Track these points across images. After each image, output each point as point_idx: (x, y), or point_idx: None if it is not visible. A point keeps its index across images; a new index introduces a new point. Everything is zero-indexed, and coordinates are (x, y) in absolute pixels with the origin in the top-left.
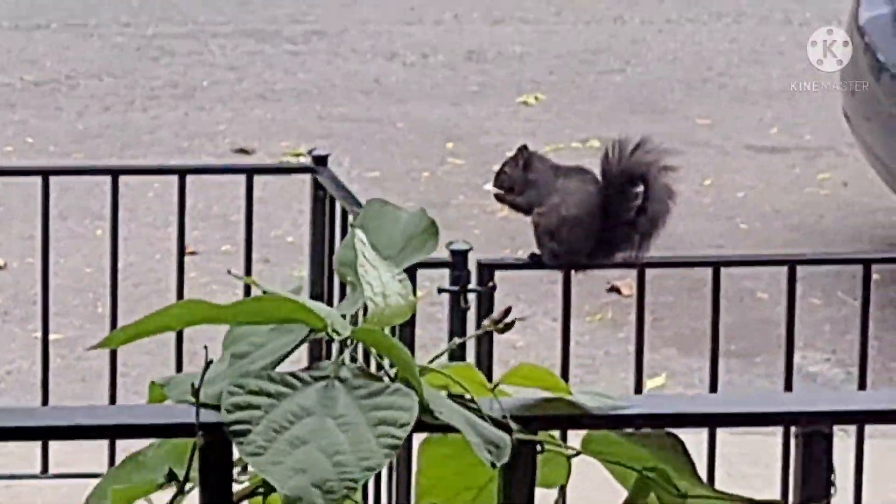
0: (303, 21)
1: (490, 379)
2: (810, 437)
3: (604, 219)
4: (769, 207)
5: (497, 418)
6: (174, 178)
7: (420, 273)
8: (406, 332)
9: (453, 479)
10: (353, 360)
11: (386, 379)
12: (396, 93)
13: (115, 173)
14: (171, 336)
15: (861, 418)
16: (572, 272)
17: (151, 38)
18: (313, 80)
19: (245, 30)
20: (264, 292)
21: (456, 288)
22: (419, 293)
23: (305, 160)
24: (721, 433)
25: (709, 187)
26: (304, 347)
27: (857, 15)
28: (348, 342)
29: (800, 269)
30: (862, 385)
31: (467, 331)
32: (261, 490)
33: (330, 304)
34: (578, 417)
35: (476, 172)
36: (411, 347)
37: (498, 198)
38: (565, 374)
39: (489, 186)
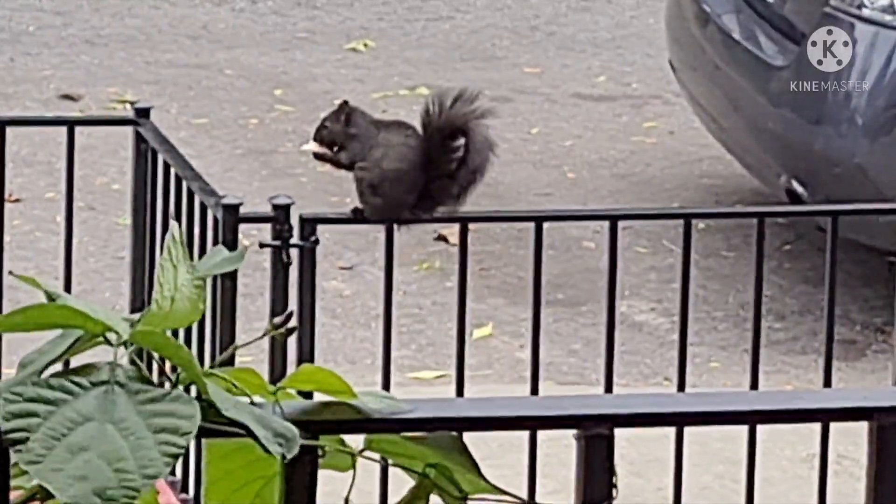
0: None
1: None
2: (592, 439)
3: (425, 172)
4: (596, 156)
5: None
6: None
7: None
8: (228, 284)
9: (239, 471)
10: (135, 363)
11: (168, 384)
12: (224, 39)
13: None
14: None
15: (642, 421)
16: (395, 227)
17: None
18: (140, 26)
19: None
20: (46, 292)
21: (278, 242)
22: (245, 242)
23: (132, 108)
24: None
25: (536, 136)
26: None
27: None
28: (127, 345)
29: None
30: (683, 335)
31: (288, 285)
32: (38, 496)
33: (153, 255)
34: (360, 422)
35: (304, 120)
36: (233, 298)
37: (317, 156)
38: (388, 327)
39: (308, 146)
